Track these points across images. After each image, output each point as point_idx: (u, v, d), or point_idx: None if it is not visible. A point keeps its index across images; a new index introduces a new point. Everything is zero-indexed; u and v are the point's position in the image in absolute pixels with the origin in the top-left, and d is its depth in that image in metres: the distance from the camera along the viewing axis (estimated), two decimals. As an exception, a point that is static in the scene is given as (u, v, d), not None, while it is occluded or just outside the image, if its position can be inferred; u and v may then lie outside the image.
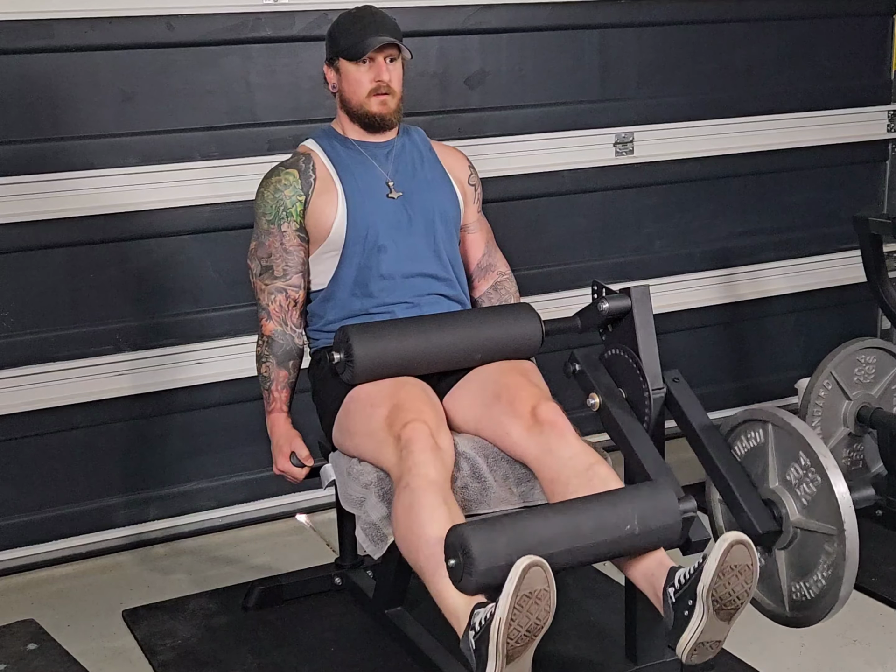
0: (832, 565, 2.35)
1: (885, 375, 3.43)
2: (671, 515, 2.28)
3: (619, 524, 2.21)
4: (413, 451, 2.35)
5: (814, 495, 2.36)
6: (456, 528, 2.14)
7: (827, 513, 2.34)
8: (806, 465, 2.36)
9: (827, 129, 4.23)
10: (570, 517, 2.21)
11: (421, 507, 2.26)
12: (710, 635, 2.16)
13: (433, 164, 2.85)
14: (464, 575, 2.10)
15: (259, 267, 2.76)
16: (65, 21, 3.16)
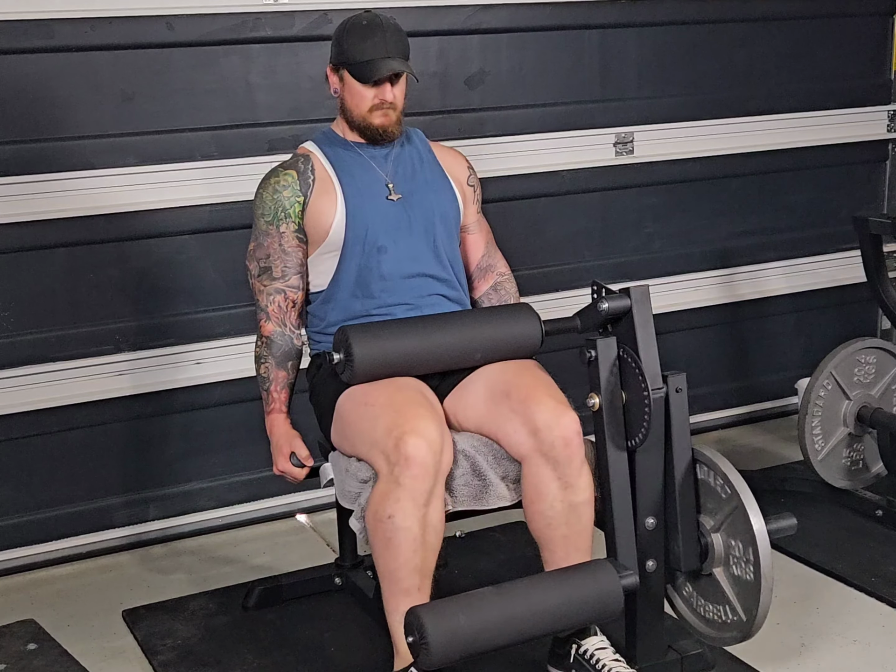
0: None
1: (885, 375, 3.44)
2: (614, 599, 2.39)
3: (565, 613, 2.36)
4: (409, 467, 2.36)
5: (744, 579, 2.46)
6: (414, 611, 2.26)
7: (748, 602, 2.46)
8: (748, 560, 2.44)
9: (827, 129, 4.23)
10: (522, 605, 2.33)
11: (398, 552, 2.38)
12: None
13: (432, 166, 2.85)
14: (421, 653, 2.25)
15: (258, 268, 2.76)
16: (65, 21, 3.16)
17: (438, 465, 2.40)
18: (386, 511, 2.36)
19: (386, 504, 2.36)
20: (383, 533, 2.37)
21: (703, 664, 2.64)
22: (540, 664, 2.68)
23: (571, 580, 2.39)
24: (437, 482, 2.41)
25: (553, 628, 2.40)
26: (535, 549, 2.59)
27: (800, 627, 2.88)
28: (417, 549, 2.36)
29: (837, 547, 3.26)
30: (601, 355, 2.48)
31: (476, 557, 3.29)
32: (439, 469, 2.41)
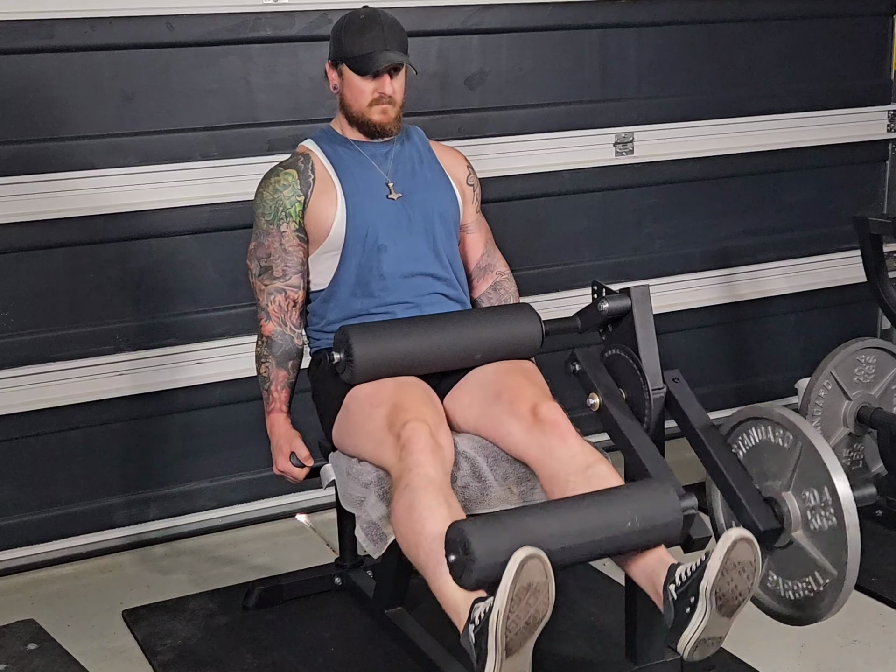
0: (818, 592, 2.35)
1: (885, 375, 3.43)
2: (672, 512, 2.27)
3: (619, 521, 2.21)
4: (412, 450, 2.35)
5: (824, 530, 2.34)
6: (456, 525, 2.14)
7: (831, 552, 2.33)
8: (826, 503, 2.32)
9: (827, 129, 4.23)
10: (571, 514, 2.20)
11: (421, 506, 2.25)
12: (713, 632, 2.15)
13: (432, 165, 2.85)
14: (464, 571, 2.10)
15: (258, 267, 2.76)
16: (65, 21, 3.16)
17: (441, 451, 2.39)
18: (407, 499, 2.29)
19: (404, 493, 2.31)
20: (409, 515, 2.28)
21: (703, 664, 2.64)
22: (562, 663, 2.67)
23: (626, 492, 2.28)
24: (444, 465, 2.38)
25: (606, 547, 2.23)
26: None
27: (800, 627, 2.87)
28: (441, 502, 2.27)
29: (837, 547, 3.26)
30: (584, 364, 2.49)
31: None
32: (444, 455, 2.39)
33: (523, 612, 2.01)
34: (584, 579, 3.14)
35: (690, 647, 2.15)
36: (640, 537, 2.25)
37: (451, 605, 2.17)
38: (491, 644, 2.01)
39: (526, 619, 2.01)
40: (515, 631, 2.01)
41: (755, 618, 2.89)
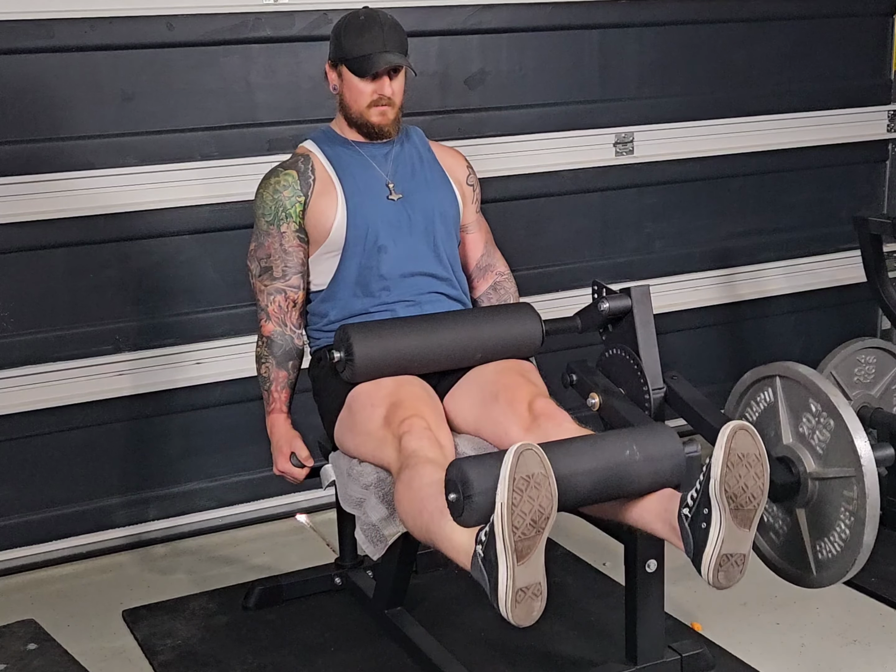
0: (854, 511, 2.33)
1: (885, 375, 3.43)
2: (674, 451, 2.27)
3: (619, 449, 2.21)
4: (411, 441, 2.36)
5: (828, 441, 2.34)
6: (454, 462, 2.15)
7: (843, 455, 2.32)
8: (817, 412, 2.33)
9: (827, 129, 4.23)
10: (572, 444, 2.22)
11: (421, 475, 2.26)
12: (733, 546, 2.10)
13: (432, 165, 2.85)
14: (465, 506, 2.09)
15: (258, 268, 2.76)
16: (65, 21, 3.16)
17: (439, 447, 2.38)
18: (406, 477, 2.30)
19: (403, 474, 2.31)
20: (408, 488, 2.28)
21: (704, 664, 2.64)
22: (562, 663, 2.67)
23: (629, 433, 2.29)
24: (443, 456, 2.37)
25: (610, 476, 2.22)
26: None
27: (800, 627, 2.88)
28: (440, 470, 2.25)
29: (837, 547, 3.26)
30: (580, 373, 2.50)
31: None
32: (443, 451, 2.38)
33: (527, 506, 1.98)
34: (584, 579, 3.14)
35: (714, 566, 2.09)
36: (643, 469, 2.23)
37: (460, 548, 2.13)
38: (500, 549, 1.99)
39: (531, 514, 1.98)
40: (522, 528, 1.98)
41: (755, 618, 2.90)
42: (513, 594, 2.00)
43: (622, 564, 2.53)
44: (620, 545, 2.52)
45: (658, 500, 2.28)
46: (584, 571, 3.19)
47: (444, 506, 2.16)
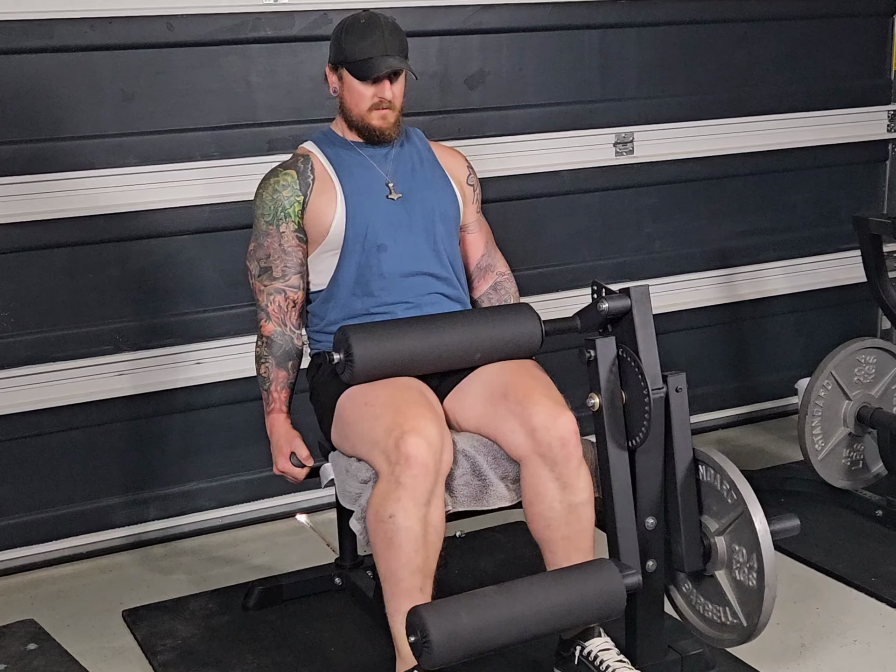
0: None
1: (885, 375, 3.44)
2: (617, 598, 2.37)
3: (567, 611, 2.34)
4: (407, 469, 2.35)
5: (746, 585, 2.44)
6: (416, 610, 2.24)
7: (750, 609, 2.43)
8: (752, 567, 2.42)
9: (827, 129, 4.24)
10: (523, 605, 2.31)
11: (399, 552, 2.36)
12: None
13: (432, 165, 2.85)
14: (423, 653, 2.21)
15: (258, 268, 2.76)
16: (65, 21, 3.16)
17: (439, 465, 2.40)
18: (387, 511, 2.35)
19: (387, 504, 2.36)
20: (384, 533, 2.36)
21: (703, 664, 2.64)
22: (542, 665, 2.68)
23: (574, 579, 2.38)
24: (438, 482, 2.41)
25: (555, 627, 2.38)
26: (535, 549, 2.58)
27: (800, 627, 2.88)
28: (419, 548, 2.36)
29: (837, 547, 3.26)
30: (600, 355, 2.48)
31: (476, 557, 3.29)
32: (440, 469, 2.41)
33: None
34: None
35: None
36: (585, 620, 2.42)
37: (404, 654, 2.38)
38: None
39: None
40: None
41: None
42: None
43: (622, 564, 2.53)
44: (620, 545, 2.53)
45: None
46: (584, 571, 3.19)
47: (405, 609, 2.29)
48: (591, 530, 2.52)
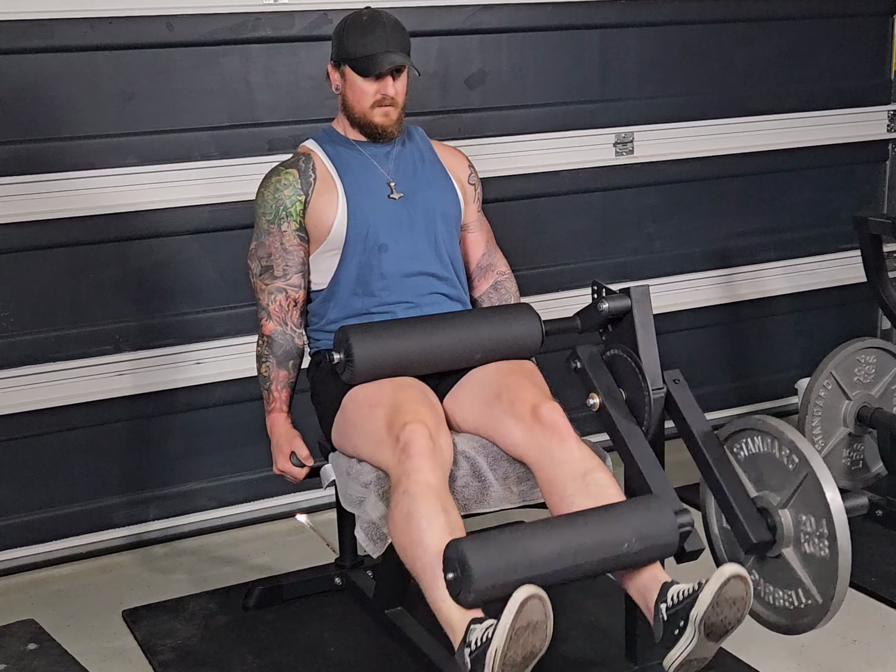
0: (801, 609, 2.37)
1: (885, 375, 3.43)
2: (669, 532, 2.29)
3: (617, 542, 2.23)
4: (411, 454, 2.34)
5: (818, 556, 2.34)
6: (455, 543, 2.14)
7: (822, 581, 2.33)
8: (822, 534, 2.32)
9: (827, 129, 4.24)
10: (569, 535, 2.21)
11: (420, 515, 2.26)
12: (699, 654, 2.18)
13: (434, 164, 2.85)
14: (462, 590, 2.11)
15: (259, 267, 2.76)
16: (65, 21, 3.16)
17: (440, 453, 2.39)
18: (405, 506, 2.29)
19: (402, 500, 2.31)
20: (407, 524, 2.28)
21: (704, 664, 2.64)
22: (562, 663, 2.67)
23: (623, 509, 2.28)
24: (443, 468, 2.38)
25: (604, 563, 2.23)
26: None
27: (799, 628, 2.88)
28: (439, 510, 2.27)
29: (837, 547, 3.26)
30: (586, 362, 2.49)
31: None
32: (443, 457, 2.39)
33: (521, 650, 2.04)
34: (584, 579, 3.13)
35: (676, 665, 2.18)
36: (637, 556, 2.27)
37: (447, 620, 2.19)
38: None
39: (523, 654, 2.05)
40: (512, 664, 2.04)
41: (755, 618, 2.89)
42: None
43: (622, 564, 2.53)
44: (620, 545, 2.52)
45: (642, 575, 2.31)
46: (584, 571, 3.19)
47: (439, 571, 2.17)
48: (616, 490, 2.41)
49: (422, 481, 2.30)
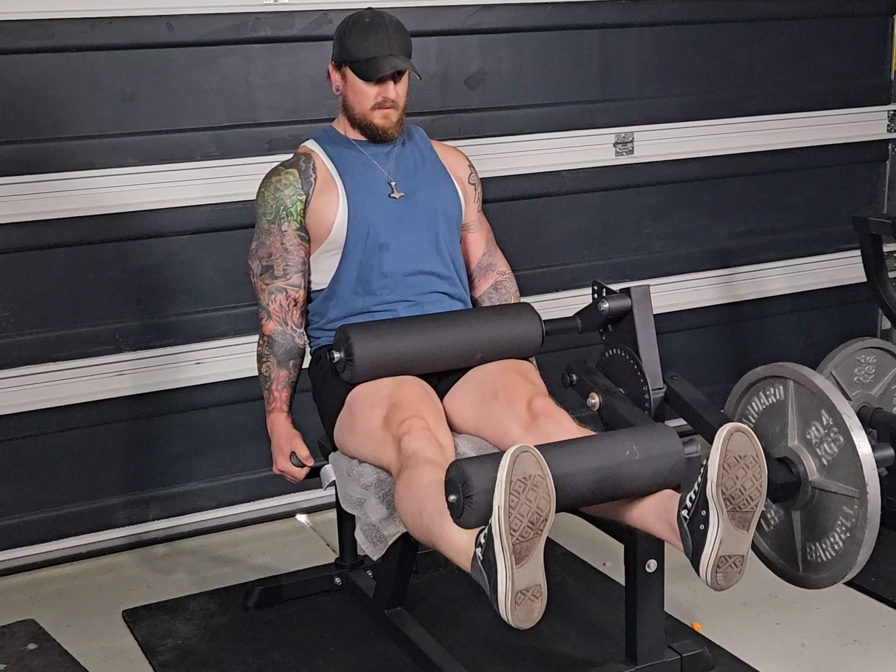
0: (851, 528, 2.35)
1: (885, 375, 3.43)
2: (674, 451, 2.28)
3: (620, 449, 2.22)
4: (410, 441, 2.36)
5: (835, 455, 2.34)
6: (454, 463, 2.16)
7: (848, 474, 2.32)
8: (828, 425, 2.33)
9: (827, 129, 4.24)
10: (572, 444, 2.23)
11: (421, 475, 2.27)
12: (731, 547, 2.11)
13: (434, 163, 2.85)
14: (465, 507, 2.10)
15: (260, 266, 2.76)
16: (65, 21, 3.16)
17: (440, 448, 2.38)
18: (406, 477, 2.30)
19: (403, 474, 2.31)
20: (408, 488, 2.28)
21: (703, 664, 2.64)
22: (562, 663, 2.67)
23: (631, 433, 2.30)
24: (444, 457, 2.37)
25: (610, 476, 2.22)
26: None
27: (800, 627, 2.88)
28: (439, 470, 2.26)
29: (837, 547, 3.26)
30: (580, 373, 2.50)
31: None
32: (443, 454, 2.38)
33: (525, 508, 1.98)
34: (584, 579, 3.14)
35: (712, 568, 2.10)
36: (643, 469, 2.24)
37: (460, 550, 2.13)
38: (499, 551, 1.99)
39: (529, 516, 1.99)
40: (520, 530, 1.98)
41: (755, 618, 2.90)
42: (512, 596, 2.00)
43: (622, 564, 2.53)
44: (620, 545, 2.52)
45: (657, 500, 2.29)
46: (584, 571, 3.19)
47: (443, 507, 2.16)
48: None
49: (421, 457, 2.31)
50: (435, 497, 2.20)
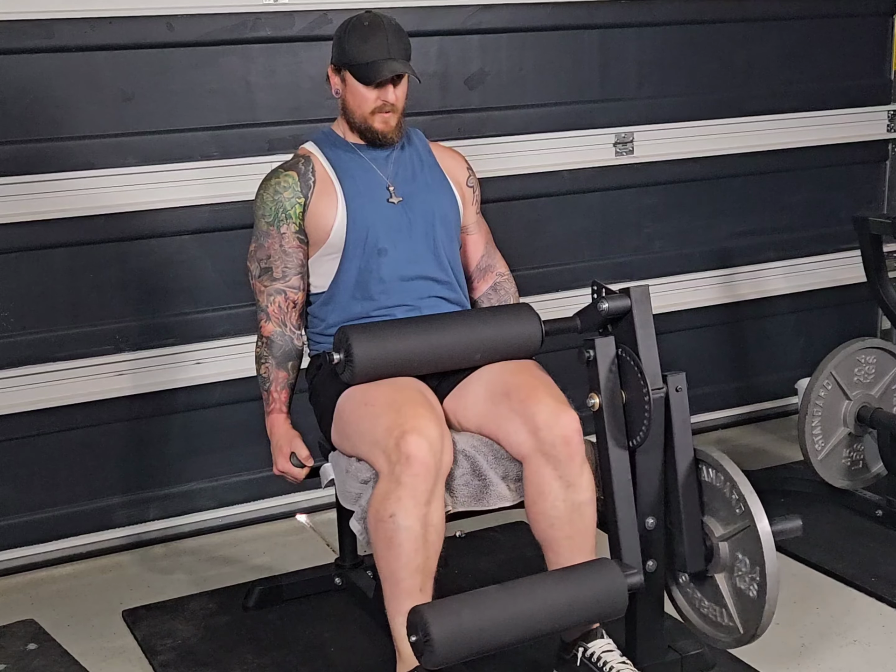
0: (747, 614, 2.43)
1: (885, 375, 3.44)
2: (619, 598, 2.38)
3: (570, 611, 2.34)
4: (407, 469, 2.35)
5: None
6: (417, 610, 2.23)
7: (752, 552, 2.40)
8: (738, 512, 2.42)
9: (827, 129, 4.24)
10: (526, 603, 2.31)
11: (400, 551, 2.36)
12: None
13: (432, 168, 2.85)
14: (424, 652, 2.21)
15: (258, 268, 2.76)
16: (65, 21, 3.16)
17: (439, 465, 2.40)
18: (387, 510, 2.35)
19: (387, 503, 2.36)
20: (385, 532, 2.36)
21: (703, 664, 2.64)
22: (542, 666, 2.68)
23: (576, 578, 2.38)
24: (438, 481, 2.41)
25: (558, 627, 2.37)
26: (535, 549, 2.58)
27: (800, 627, 2.88)
28: (419, 548, 2.36)
29: (837, 547, 3.26)
30: (600, 355, 2.48)
31: (476, 557, 3.29)
32: (440, 468, 2.41)
33: None
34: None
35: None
36: (588, 617, 2.40)
37: (403, 653, 2.38)
38: None
39: None
40: None
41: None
42: None
43: (622, 564, 2.53)
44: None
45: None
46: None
47: (405, 610, 2.29)
48: (593, 530, 2.52)
49: (411, 509, 2.35)
50: (403, 593, 2.36)
